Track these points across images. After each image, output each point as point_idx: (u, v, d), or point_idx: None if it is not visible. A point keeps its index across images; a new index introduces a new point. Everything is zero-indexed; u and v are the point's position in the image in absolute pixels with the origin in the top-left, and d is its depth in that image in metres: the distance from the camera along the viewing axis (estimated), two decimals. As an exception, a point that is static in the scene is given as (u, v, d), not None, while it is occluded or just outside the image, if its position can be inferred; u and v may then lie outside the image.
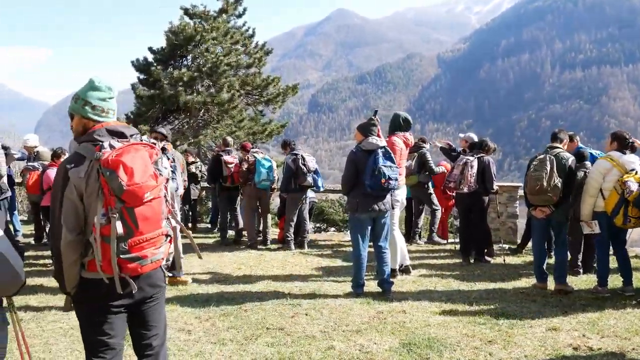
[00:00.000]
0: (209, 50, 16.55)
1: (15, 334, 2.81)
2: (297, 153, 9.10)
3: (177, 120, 18.16)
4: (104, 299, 2.55)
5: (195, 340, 4.68)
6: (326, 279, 7.00)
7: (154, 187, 2.45)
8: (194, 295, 6.14)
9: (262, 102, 18.37)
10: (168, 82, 15.93)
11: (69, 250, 2.47)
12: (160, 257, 2.60)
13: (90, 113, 2.61)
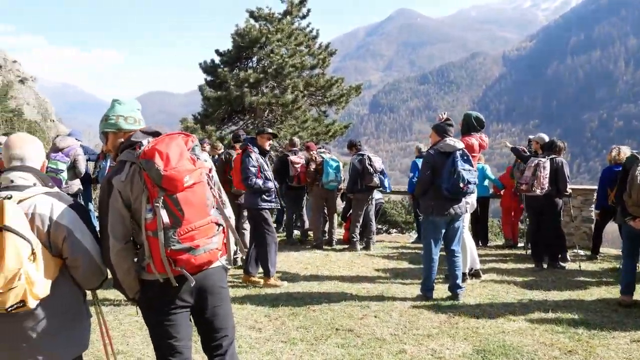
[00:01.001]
0: (274, 51, 16.74)
1: (99, 326, 2.87)
2: (364, 153, 9.04)
3: (242, 121, 18.47)
4: (164, 300, 2.57)
5: (266, 338, 4.70)
6: (393, 281, 6.90)
7: (192, 170, 2.41)
8: (263, 294, 6.19)
9: (325, 103, 18.42)
10: (234, 84, 16.24)
11: (119, 259, 2.50)
12: (214, 247, 2.52)
13: (124, 124, 2.69)
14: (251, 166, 6.45)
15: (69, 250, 2.36)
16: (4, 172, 2.44)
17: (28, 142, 2.55)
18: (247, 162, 6.47)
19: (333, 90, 18.07)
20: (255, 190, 6.45)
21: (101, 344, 3.00)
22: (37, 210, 2.30)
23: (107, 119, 2.71)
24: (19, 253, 2.14)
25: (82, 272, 2.44)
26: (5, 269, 2.10)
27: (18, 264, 2.12)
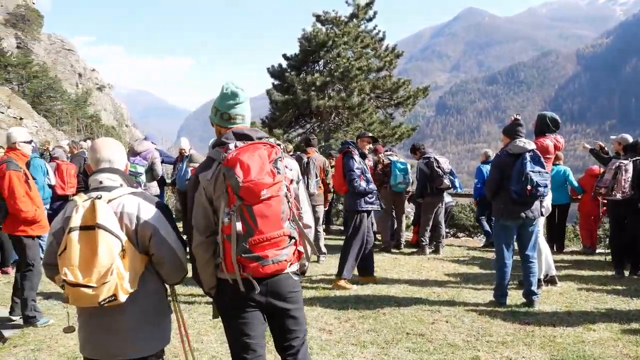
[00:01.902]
0: (341, 55, 16.79)
1: (177, 322, 2.96)
2: (430, 156, 8.91)
3: (308, 124, 18.63)
4: (237, 299, 2.62)
5: (337, 340, 4.72)
6: (464, 285, 6.75)
7: (270, 185, 2.42)
8: (332, 296, 6.21)
9: (392, 105, 18.29)
10: (301, 87, 16.41)
11: (200, 251, 2.60)
12: (283, 259, 2.53)
13: (219, 121, 2.75)
14: (355, 168, 6.53)
15: (154, 247, 2.48)
16: (92, 174, 2.58)
17: (114, 145, 2.70)
18: (352, 165, 6.56)
19: (400, 93, 17.92)
20: (359, 192, 6.50)
21: (178, 340, 3.10)
22: (125, 209, 2.44)
23: (212, 109, 2.79)
24: (111, 249, 2.27)
25: (166, 268, 2.55)
26: (99, 264, 2.23)
27: (110, 259, 2.25)
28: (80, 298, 2.26)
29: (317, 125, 18.09)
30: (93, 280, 2.22)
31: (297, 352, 2.76)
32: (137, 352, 2.48)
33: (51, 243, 2.52)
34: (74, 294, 2.26)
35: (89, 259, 2.25)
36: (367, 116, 17.00)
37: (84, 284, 2.21)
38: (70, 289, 2.25)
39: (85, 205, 2.33)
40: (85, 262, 2.25)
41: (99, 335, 2.46)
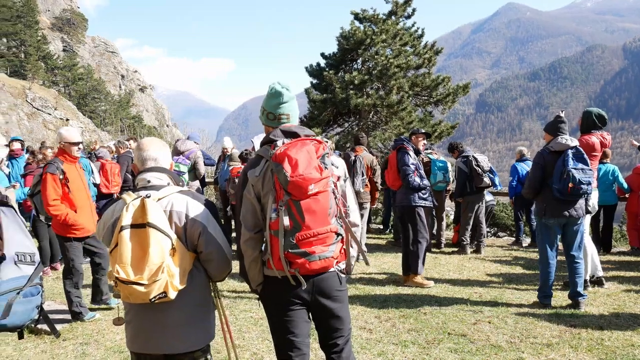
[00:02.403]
0: (379, 52, 16.71)
1: (220, 319, 3.00)
2: (468, 154, 8.78)
3: (347, 123, 18.60)
4: (282, 296, 2.64)
5: (377, 339, 4.70)
6: (507, 286, 6.63)
7: (318, 180, 2.44)
8: (372, 295, 6.20)
9: (431, 103, 18.07)
10: (339, 86, 16.39)
11: (247, 247, 2.63)
12: (330, 255, 2.54)
13: (266, 120, 2.79)
14: (410, 164, 6.56)
15: (203, 245, 2.52)
16: (139, 173, 2.64)
17: (160, 144, 2.76)
18: (407, 160, 6.60)
19: (439, 90, 17.69)
20: (414, 188, 6.52)
21: (220, 337, 3.14)
22: (174, 207, 2.48)
23: (261, 108, 2.83)
24: (162, 248, 2.31)
25: (214, 265, 2.59)
26: (150, 262, 2.27)
27: (161, 257, 2.30)
28: (132, 295, 2.31)
29: (355, 123, 18.04)
30: (144, 278, 2.26)
31: (342, 350, 2.77)
32: (184, 346, 2.52)
33: (103, 240, 2.60)
34: (126, 291, 2.31)
35: (140, 257, 2.30)
36: (406, 114, 16.85)
37: (136, 281, 2.26)
38: (122, 286, 2.30)
39: (135, 204, 2.38)
40: (136, 260, 2.29)
41: (148, 330, 2.52)
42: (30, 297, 2.37)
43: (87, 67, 71.48)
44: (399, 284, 6.76)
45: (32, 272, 2.40)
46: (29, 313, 2.39)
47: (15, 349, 4.58)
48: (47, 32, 70.80)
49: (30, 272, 2.39)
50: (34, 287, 2.41)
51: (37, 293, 2.42)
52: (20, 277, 2.34)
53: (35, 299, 2.41)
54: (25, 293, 2.35)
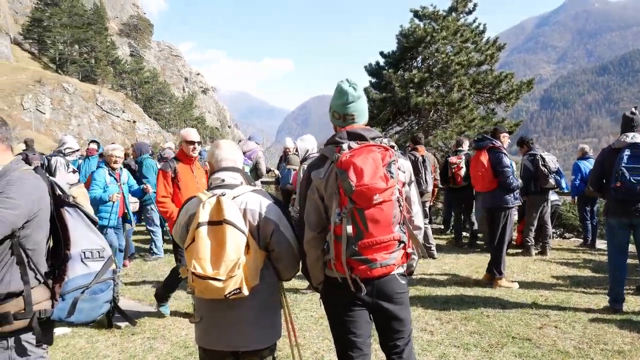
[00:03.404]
0: (439, 50, 16.47)
1: (285, 317, 3.04)
2: (535, 153, 8.50)
3: (406, 122, 18.43)
4: (343, 297, 2.64)
5: (438, 342, 4.64)
6: (574, 289, 6.39)
7: (383, 190, 2.40)
8: (433, 296, 6.12)
9: (493, 100, 17.63)
10: (399, 85, 16.27)
11: (310, 247, 2.64)
12: (392, 263, 2.53)
13: (333, 120, 2.77)
14: (510, 164, 6.52)
15: (275, 243, 2.57)
16: (213, 172, 2.72)
17: (233, 146, 2.84)
18: (506, 161, 6.53)
19: (502, 87, 17.23)
20: (513, 189, 6.48)
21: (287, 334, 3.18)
22: (248, 206, 2.54)
23: (329, 107, 2.82)
24: (238, 244, 2.37)
25: (284, 263, 2.64)
26: (227, 258, 2.33)
27: (237, 254, 2.35)
28: (207, 290, 2.36)
29: (415, 122, 17.86)
30: (221, 274, 2.31)
31: (402, 352, 2.76)
32: (253, 344, 2.57)
33: (176, 239, 2.69)
34: (201, 286, 2.36)
35: (217, 253, 2.35)
36: (468, 112, 16.53)
37: (213, 276, 2.31)
38: (197, 281, 2.36)
39: (211, 202, 2.44)
40: (213, 256, 2.35)
41: (218, 327, 2.58)
42: (99, 294, 2.41)
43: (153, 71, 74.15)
44: (460, 285, 6.64)
45: (99, 269, 2.42)
46: (97, 309, 2.42)
47: (87, 342, 4.80)
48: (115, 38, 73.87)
49: (98, 269, 2.41)
50: (103, 283, 2.43)
51: (106, 288, 2.45)
52: (87, 275, 2.37)
53: (104, 294, 2.44)
54: (93, 290, 2.38)
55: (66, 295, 2.30)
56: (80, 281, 2.33)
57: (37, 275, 2.34)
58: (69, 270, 2.32)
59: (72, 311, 2.32)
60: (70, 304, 2.31)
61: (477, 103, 17.73)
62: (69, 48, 64.76)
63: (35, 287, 2.32)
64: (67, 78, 57.41)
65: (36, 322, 2.28)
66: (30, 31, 64.50)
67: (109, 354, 4.54)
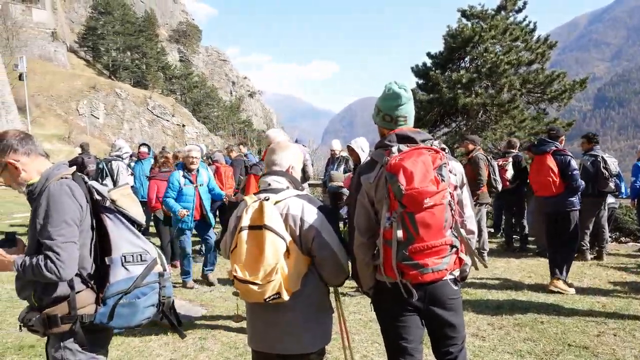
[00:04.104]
0: (488, 49, 16.19)
1: (339, 320, 3.03)
2: (597, 154, 8.19)
3: (454, 123, 18.20)
4: (394, 302, 2.61)
5: (491, 348, 4.54)
6: (634, 296, 6.14)
7: (434, 193, 2.35)
8: (484, 301, 5.99)
9: (544, 100, 17.20)
10: (446, 86, 16.08)
11: (360, 251, 2.62)
12: (444, 268, 2.48)
13: (382, 122, 2.72)
14: (577, 167, 6.47)
15: (317, 250, 2.54)
16: (262, 176, 2.75)
17: (285, 149, 2.83)
18: (575, 164, 6.46)
19: (553, 86, 16.79)
20: (579, 191, 6.43)
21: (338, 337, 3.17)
22: (290, 211, 2.54)
23: (375, 109, 2.79)
24: (277, 249, 2.38)
25: (327, 270, 2.61)
26: (265, 263, 2.35)
27: (275, 259, 2.37)
28: (248, 293, 2.41)
29: (463, 123, 17.61)
30: (259, 278, 2.34)
31: (455, 359, 2.70)
32: (298, 348, 2.57)
33: (226, 240, 2.72)
34: (242, 289, 2.42)
35: (256, 258, 2.38)
36: (518, 113, 16.17)
37: (251, 281, 2.35)
38: (239, 285, 2.41)
39: (255, 206, 2.47)
40: (252, 260, 2.38)
41: (263, 329, 2.61)
42: (141, 298, 2.37)
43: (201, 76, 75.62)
44: (512, 289, 6.48)
45: (140, 272, 2.39)
46: (137, 315, 2.39)
47: (141, 341, 4.92)
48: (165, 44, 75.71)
49: (139, 273, 2.39)
50: (145, 287, 2.40)
51: (149, 292, 2.42)
52: (128, 279, 2.35)
53: (146, 299, 2.40)
54: (135, 294, 2.36)
55: (108, 299, 2.32)
56: (120, 286, 2.33)
57: (83, 279, 2.37)
58: (111, 274, 2.33)
59: (111, 316, 2.33)
60: (110, 308, 2.32)
61: (528, 103, 17.35)
62: (121, 55, 66.76)
63: (81, 291, 2.35)
64: (120, 84, 59.16)
65: (79, 327, 2.32)
66: (85, 39, 66.82)
67: (161, 352, 4.64)
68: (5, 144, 2.40)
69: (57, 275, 2.20)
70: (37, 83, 48.35)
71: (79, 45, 67.65)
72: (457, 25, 16.97)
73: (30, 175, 2.42)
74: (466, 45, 16.64)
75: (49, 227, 2.23)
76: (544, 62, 17.04)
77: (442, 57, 17.60)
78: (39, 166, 2.45)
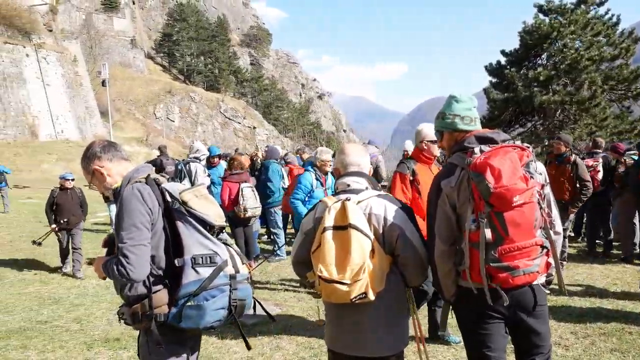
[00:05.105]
0: (567, 45, 15.57)
1: (413, 322, 2.95)
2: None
3: (529, 123, 17.64)
4: (478, 309, 2.51)
5: (574, 358, 4.34)
6: None
7: (523, 191, 2.26)
8: (566, 308, 5.72)
9: (629, 97, 16.33)
10: (522, 84, 15.59)
11: (442, 260, 2.53)
12: (535, 270, 2.37)
13: (460, 124, 2.64)
14: None
15: (401, 248, 2.51)
16: (340, 177, 2.74)
17: (361, 151, 2.83)
18: None
19: (639, 83, 15.90)
20: None
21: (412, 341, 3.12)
22: (373, 210, 2.52)
23: (444, 116, 2.72)
24: (363, 249, 2.36)
25: (410, 269, 2.58)
26: (352, 262, 2.33)
27: (362, 258, 2.35)
28: (333, 294, 2.39)
29: (539, 123, 17.01)
30: (347, 278, 2.32)
31: None
32: (380, 350, 2.54)
33: (302, 242, 2.70)
34: (328, 290, 2.40)
35: (342, 257, 2.36)
36: (599, 111, 15.41)
37: (338, 280, 2.33)
38: (324, 285, 2.39)
39: (336, 206, 2.46)
40: (339, 260, 2.37)
41: (345, 331, 2.58)
42: (209, 300, 2.35)
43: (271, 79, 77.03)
44: (596, 297, 6.15)
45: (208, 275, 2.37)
46: (205, 317, 2.36)
47: (218, 337, 5.04)
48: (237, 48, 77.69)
49: (208, 275, 2.37)
50: (214, 290, 2.37)
51: (219, 294, 2.38)
52: (197, 281, 2.34)
53: (214, 301, 2.37)
54: (204, 296, 2.34)
55: (178, 301, 2.34)
56: (189, 287, 2.33)
57: (159, 279, 2.41)
58: (183, 276, 2.34)
59: (180, 317, 2.34)
60: (179, 309, 2.34)
61: (610, 101, 16.54)
62: (195, 60, 69.16)
63: (157, 291, 2.39)
64: (194, 88, 61.32)
65: (154, 325, 2.36)
66: (161, 45, 69.78)
67: (238, 350, 4.74)
68: (91, 153, 2.56)
69: (127, 277, 2.28)
70: (117, 88, 50.91)
71: (156, 52, 70.69)
72: (533, 21, 16.41)
73: (114, 180, 2.53)
74: (543, 41, 16.07)
75: (121, 230, 2.32)
76: (629, 58, 16.19)
77: (518, 54, 17.10)
78: (122, 170, 2.55)
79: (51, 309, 6.43)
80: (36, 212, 14.47)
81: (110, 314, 6.05)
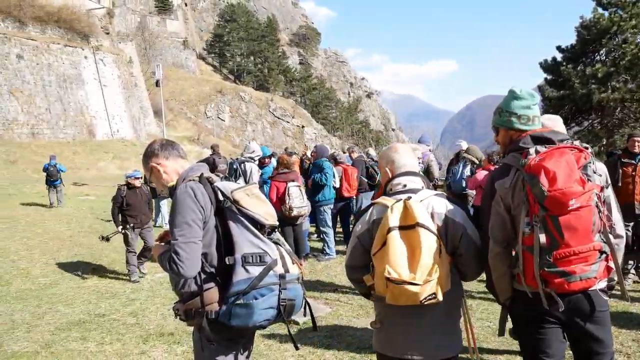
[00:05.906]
0: (628, 40, 14.96)
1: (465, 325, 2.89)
2: None
3: (586, 121, 17.05)
4: (534, 313, 2.43)
5: (638, 366, 4.15)
6: None
7: (580, 194, 2.17)
8: (628, 314, 5.49)
9: (695, 94, 15.53)
10: (579, 81, 15.08)
11: (496, 262, 2.46)
12: (593, 276, 2.27)
13: (516, 124, 2.54)
14: None
15: (464, 247, 2.47)
16: (394, 177, 2.68)
17: (410, 150, 2.79)
18: None
19: None
20: None
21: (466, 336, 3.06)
22: (435, 209, 2.47)
23: (500, 113, 2.65)
24: (432, 248, 2.31)
25: (472, 268, 2.55)
26: (422, 262, 2.28)
27: (432, 258, 2.30)
28: (403, 295, 2.31)
29: (597, 121, 16.41)
30: (417, 278, 2.26)
31: None
32: (441, 353, 2.49)
33: (355, 245, 2.63)
34: (396, 292, 2.32)
35: (411, 258, 2.32)
36: (662, 109, 14.78)
37: (409, 281, 2.27)
38: (392, 286, 2.32)
39: (399, 206, 2.41)
40: (408, 261, 2.31)
41: (406, 335, 2.51)
42: (258, 299, 2.35)
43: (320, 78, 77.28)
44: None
45: (257, 274, 2.38)
46: (253, 316, 2.36)
47: (270, 336, 5.08)
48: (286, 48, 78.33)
49: (257, 273, 2.38)
50: (264, 289, 2.37)
51: (268, 293, 2.38)
52: (247, 280, 2.35)
53: (263, 300, 2.36)
54: (253, 295, 2.35)
55: (228, 299, 2.35)
56: (239, 286, 2.34)
57: (211, 277, 2.43)
58: (234, 274, 2.36)
59: (229, 315, 2.36)
60: (229, 307, 2.35)
61: (674, 98, 15.76)
62: (245, 60, 70.15)
63: (210, 288, 2.41)
64: (244, 87, 62.16)
65: (205, 322, 2.38)
66: (212, 46, 71.07)
67: (289, 348, 4.77)
68: (150, 150, 2.65)
69: (178, 272, 2.32)
70: (170, 89, 52.18)
71: (207, 52, 72.07)
72: (592, 16, 15.82)
73: (171, 177, 2.60)
74: (602, 36, 15.48)
75: (174, 227, 2.36)
76: (694, 52, 15.39)
77: (575, 50, 16.53)
78: (178, 167, 2.61)
79: (109, 303, 6.65)
80: (93, 208, 14.99)
81: (164, 309, 6.20)
